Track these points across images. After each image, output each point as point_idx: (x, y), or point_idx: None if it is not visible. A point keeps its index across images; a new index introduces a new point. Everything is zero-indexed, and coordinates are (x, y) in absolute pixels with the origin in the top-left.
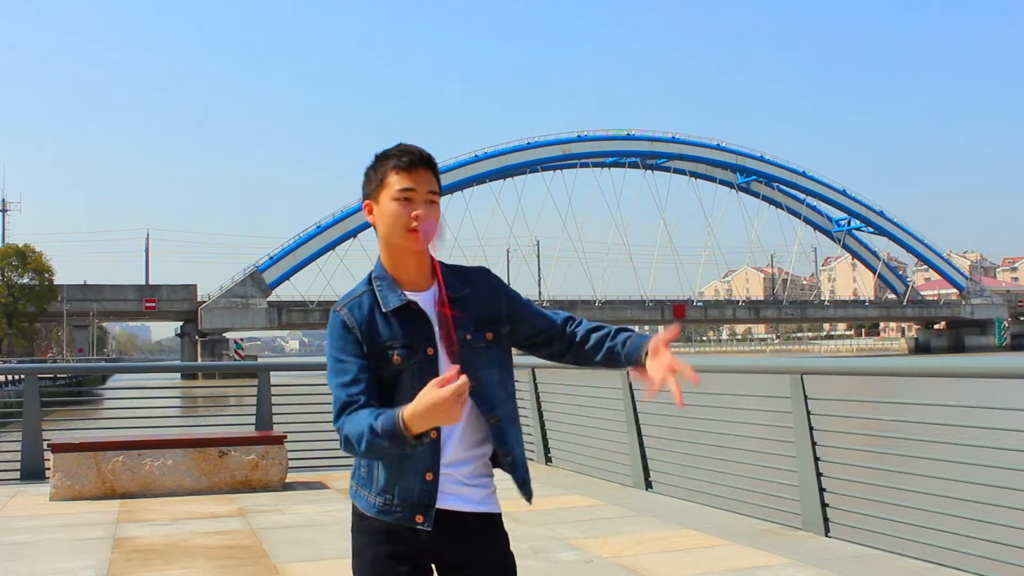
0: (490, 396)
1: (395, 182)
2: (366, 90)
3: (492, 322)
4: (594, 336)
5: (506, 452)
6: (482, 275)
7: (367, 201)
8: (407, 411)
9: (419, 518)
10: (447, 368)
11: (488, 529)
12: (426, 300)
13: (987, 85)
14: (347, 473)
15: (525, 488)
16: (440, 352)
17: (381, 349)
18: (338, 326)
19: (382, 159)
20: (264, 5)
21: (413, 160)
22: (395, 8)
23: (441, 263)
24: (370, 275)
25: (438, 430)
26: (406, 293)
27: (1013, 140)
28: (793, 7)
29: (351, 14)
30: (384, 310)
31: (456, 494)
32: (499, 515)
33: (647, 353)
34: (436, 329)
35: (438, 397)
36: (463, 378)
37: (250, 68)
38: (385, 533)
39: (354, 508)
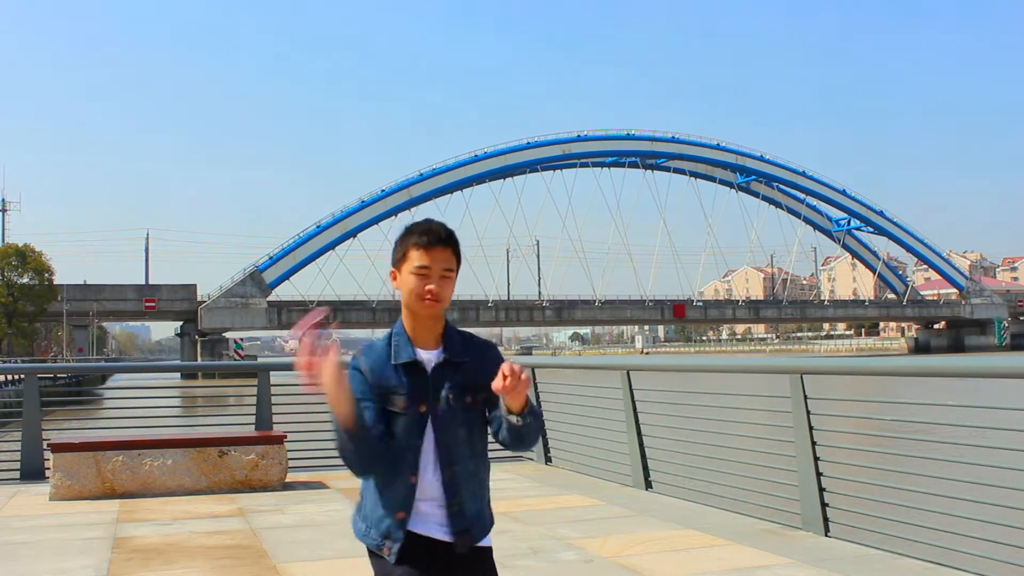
0: (451, 452)
1: (414, 258)
2: (366, 90)
3: (476, 389)
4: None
5: (452, 503)
6: (487, 349)
7: (392, 269)
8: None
9: (386, 550)
10: (429, 428)
11: (473, 562)
12: (431, 358)
13: (987, 85)
14: (347, 473)
15: (460, 537)
16: (431, 412)
17: (387, 393)
18: (353, 372)
19: (406, 236)
20: (264, 5)
21: (431, 240)
22: (395, 8)
23: (456, 329)
24: (391, 331)
25: (416, 470)
26: (417, 350)
27: (1013, 140)
28: (793, 7)
29: (350, 15)
30: (394, 362)
31: (439, 523)
32: (488, 549)
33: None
34: (430, 390)
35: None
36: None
37: (250, 68)
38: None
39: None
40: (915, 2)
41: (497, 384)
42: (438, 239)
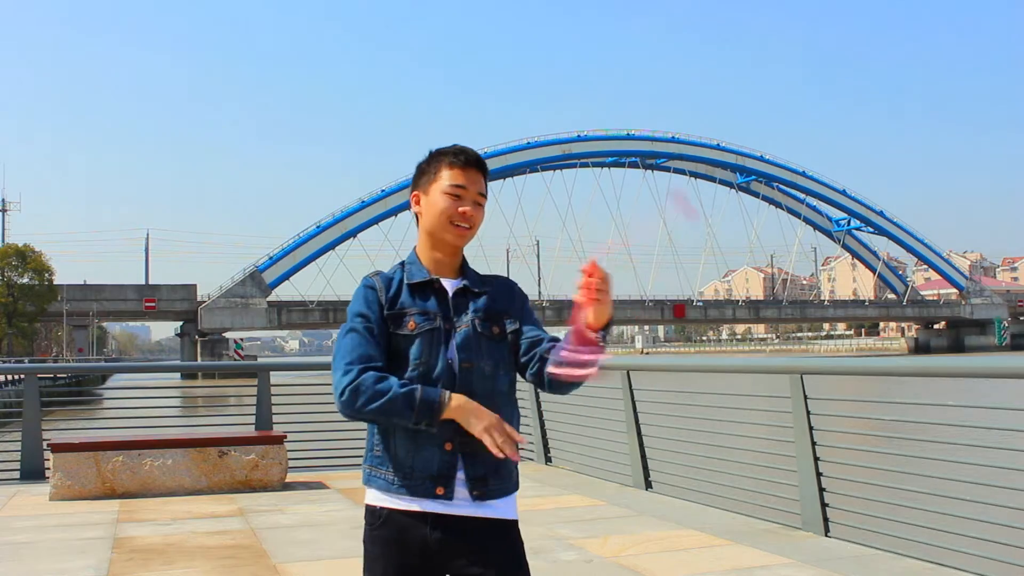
0: (472, 384)
1: (447, 177)
2: (366, 91)
3: (501, 316)
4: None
5: (464, 443)
6: (504, 280)
7: (416, 192)
8: (458, 397)
9: (439, 490)
10: (453, 349)
11: (502, 535)
12: (449, 285)
13: (987, 85)
14: (347, 473)
15: (477, 484)
16: (453, 331)
17: (399, 314)
18: (365, 289)
19: (437, 155)
20: (265, 5)
21: (468, 159)
22: (395, 8)
23: (469, 267)
24: (402, 261)
25: (452, 459)
26: (433, 275)
27: (1013, 140)
28: (793, 7)
29: (353, 15)
30: (409, 282)
31: (465, 499)
32: (514, 521)
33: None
34: (451, 311)
35: (491, 418)
36: (515, 434)
37: (251, 68)
38: (398, 544)
39: (367, 511)
40: (915, 2)
41: (583, 286)
42: (475, 160)
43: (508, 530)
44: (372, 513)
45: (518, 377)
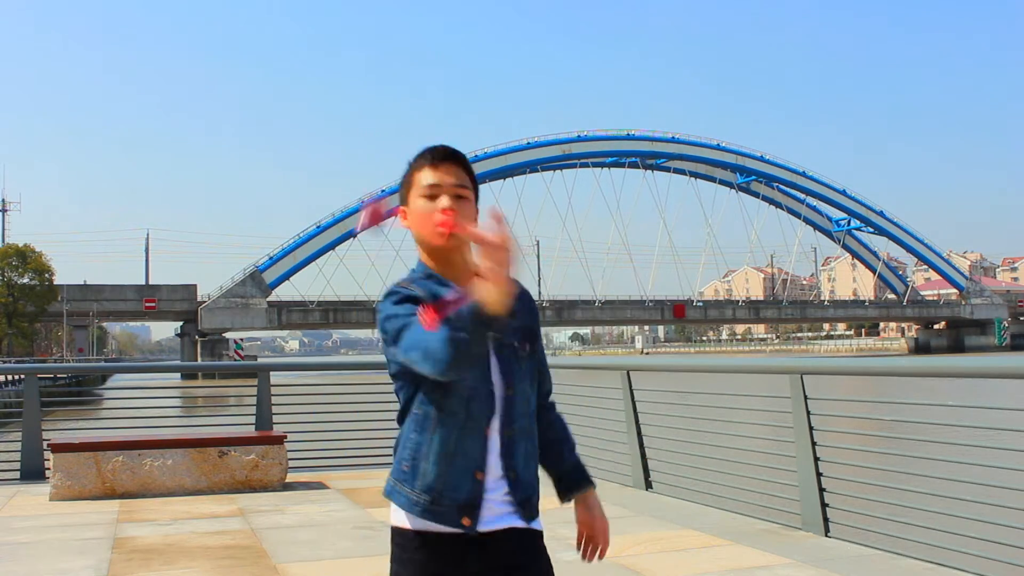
0: (514, 409)
1: (421, 179)
2: (366, 91)
3: (530, 334)
4: (554, 431)
5: (508, 468)
6: (525, 290)
7: (401, 208)
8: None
9: (466, 520)
10: (497, 373)
11: (532, 548)
12: None
13: (987, 85)
14: (347, 473)
15: (525, 507)
16: (496, 355)
17: None
18: (405, 295)
19: (410, 163)
20: (265, 7)
21: (437, 154)
22: (395, 8)
23: None
24: (417, 273)
25: (490, 420)
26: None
27: (1013, 140)
28: (794, 7)
29: (351, 16)
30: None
31: (500, 514)
32: (542, 533)
33: (580, 498)
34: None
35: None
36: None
37: (251, 69)
38: (435, 568)
39: (396, 533)
40: (915, 3)
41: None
42: (446, 153)
43: (540, 542)
44: (402, 535)
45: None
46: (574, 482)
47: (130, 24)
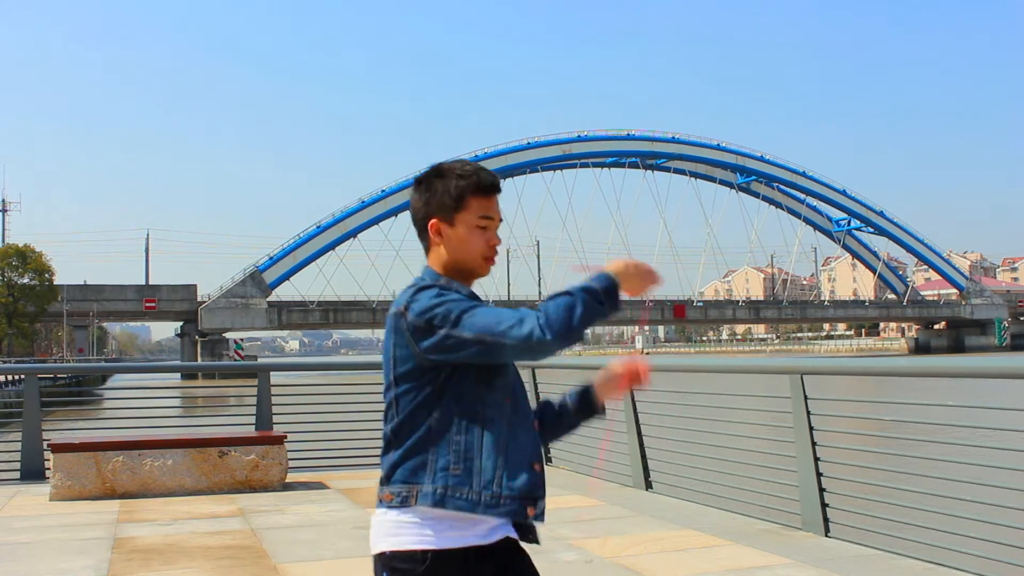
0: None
1: (476, 208)
2: (366, 91)
3: None
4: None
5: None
6: None
7: (435, 220)
8: (616, 264)
9: (531, 510)
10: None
11: (524, 551)
12: None
13: (987, 85)
14: (347, 473)
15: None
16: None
17: None
18: (444, 287)
19: (455, 178)
20: (265, 7)
21: (494, 185)
22: (395, 8)
23: None
24: (436, 279)
25: (534, 436)
26: None
27: (1013, 140)
28: (793, 8)
29: (351, 16)
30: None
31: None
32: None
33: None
34: None
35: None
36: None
37: (251, 69)
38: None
39: (411, 557)
40: (915, 3)
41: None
42: (497, 184)
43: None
44: (412, 559)
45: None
46: (575, 394)
47: (130, 24)
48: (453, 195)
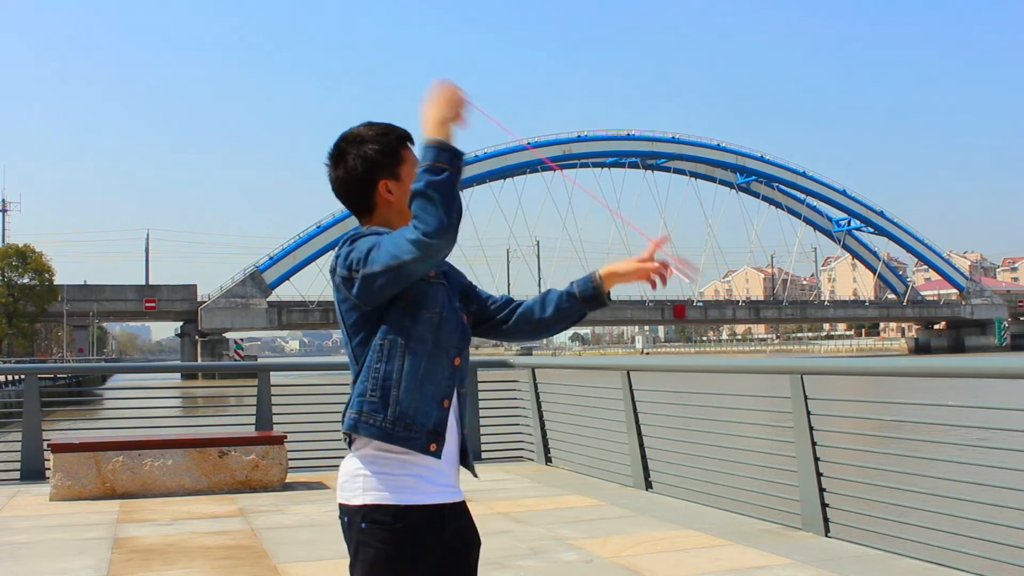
0: (464, 374)
1: (411, 158)
2: (366, 90)
3: (465, 297)
4: (537, 298)
5: (460, 404)
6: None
7: (384, 180)
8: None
9: (432, 446)
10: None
11: (469, 515)
12: None
13: (987, 85)
14: None
15: (465, 456)
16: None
17: None
18: (366, 232)
19: (377, 136)
20: (265, 7)
21: (410, 133)
22: (395, 9)
23: None
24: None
25: (451, 371)
26: None
27: (1013, 140)
28: (793, 8)
29: (351, 17)
30: None
31: (457, 488)
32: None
33: (600, 275)
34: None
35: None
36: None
37: (251, 69)
38: (405, 544)
39: (359, 511)
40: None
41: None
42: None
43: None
44: (379, 511)
45: (509, 375)
46: (580, 282)
47: (130, 24)
48: (390, 151)
